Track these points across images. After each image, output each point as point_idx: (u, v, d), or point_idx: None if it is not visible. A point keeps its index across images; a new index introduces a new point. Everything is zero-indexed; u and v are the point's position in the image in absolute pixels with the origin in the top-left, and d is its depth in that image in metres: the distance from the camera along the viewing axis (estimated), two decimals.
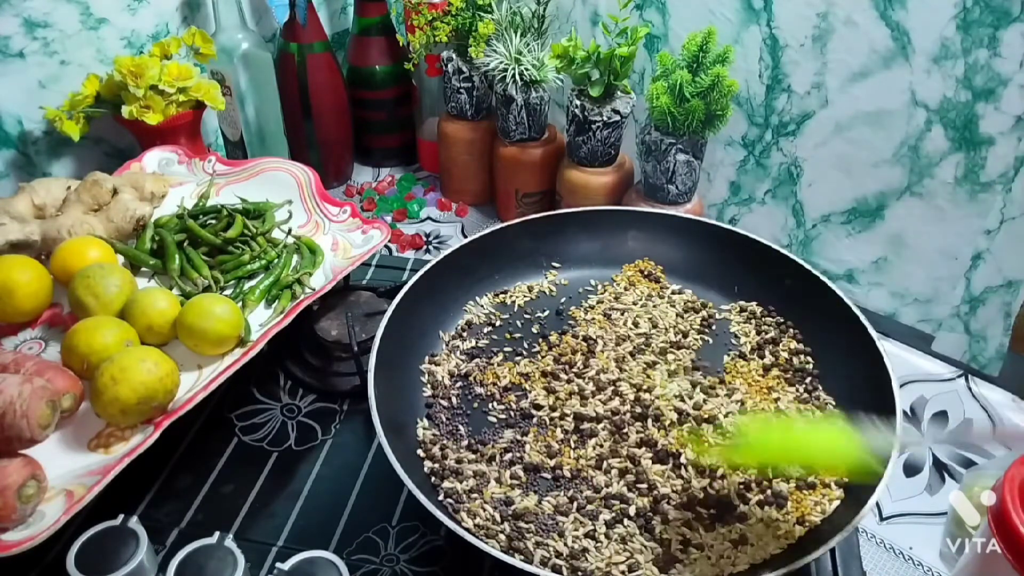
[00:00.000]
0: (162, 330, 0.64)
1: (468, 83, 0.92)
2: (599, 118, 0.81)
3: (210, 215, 0.78)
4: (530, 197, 0.93)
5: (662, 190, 0.82)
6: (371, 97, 1.03)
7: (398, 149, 1.09)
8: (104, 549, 0.50)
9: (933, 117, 0.75)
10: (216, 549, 0.50)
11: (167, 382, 0.58)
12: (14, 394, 0.52)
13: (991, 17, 0.68)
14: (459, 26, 0.89)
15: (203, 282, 0.71)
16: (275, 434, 0.67)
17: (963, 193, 0.76)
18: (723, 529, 0.55)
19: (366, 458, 0.65)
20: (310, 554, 0.50)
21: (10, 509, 0.50)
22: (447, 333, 0.72)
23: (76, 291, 0.65)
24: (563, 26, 0.97)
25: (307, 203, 0.82)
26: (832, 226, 0.87)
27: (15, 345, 0.67)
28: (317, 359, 0.73)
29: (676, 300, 0.74)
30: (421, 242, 0.95)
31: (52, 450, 0.57)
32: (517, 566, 0.47)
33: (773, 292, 0.72)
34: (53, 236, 0.71)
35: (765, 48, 0.82)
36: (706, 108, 0.75)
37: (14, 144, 0.83)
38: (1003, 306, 0.76)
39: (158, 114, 0.82)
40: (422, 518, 0.59)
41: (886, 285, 0.86)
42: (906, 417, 0.70)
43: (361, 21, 1.00)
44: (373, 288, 0.78)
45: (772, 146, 0.87)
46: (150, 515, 0.60)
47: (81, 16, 0.83)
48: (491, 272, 0.76)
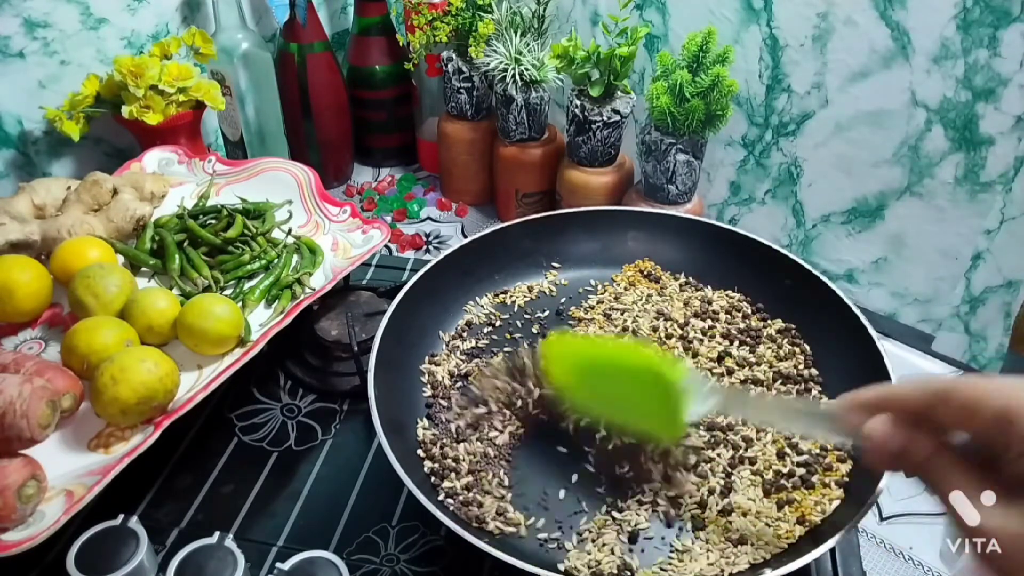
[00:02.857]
0: (162, 330, 0.64)
1: (468, 83, 0.92)
2: (599, 118, 0.81)
3: (210, 215, 0.78)
4: (530, 197, 0.93)
5: (662, 190, 0.82)
6: (371, 97, 1.03)
7: (398, 149, 1.09)
8: (104, 549, 0.50)
9: (933, 117, 0.75)
10: (216, 549, 0.50)
11: (167, 382, 0.58)
12: (14, 394, 0.52)
13: (991, 17, 0.68)
14: (459, 26, 0.89)
15: (203, 282, 0.71)
16: (275, 434, 0.67)
17: (963, 193, 0.76)
18: (723, 520, 0.55)
19: (366, 458, 0.65)
20: (310, 554, 0.50)
21: (10, 509, 0.50)
22: (447, 333, 0.72)
23: (76, 291, 0.65)
24: (563, 26, 0.97)
25: (307, 203, 0.82)
26: (832, 226, 0.87)
27: (15, 345, 0.67)
28: (317, 359, 0.73)
29: (676, 299, 0.74)
30: (421, 242, 0.95)
31: (52, 450, 0.57)
32: (517, 565, 0.47)
33: (773, 292, 0.73)
34: (53, 236, 0.71)
35: (765, 48, 0.82)
36: (706, 108, 0.75)
37: (14, 144, 0.83)
38: (1003, 306, 0.76)
39: (158, 114, 0.82)
40: (422, 518, 0.59)
41: (886, 285, 0.86)
42: None
43: (361, 21, 1.00)
44: (373, 288, 0.78)
45: (772, 146, 0.87)
46: (150, 515, 0.60)
47: (81, 16, 0.83)
48: (491, 272, 0.76)
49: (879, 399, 0.38)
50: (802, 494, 0.56)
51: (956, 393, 0.35)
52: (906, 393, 0.37)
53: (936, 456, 0.36)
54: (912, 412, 0.36)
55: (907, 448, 0.36)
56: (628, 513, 0.56)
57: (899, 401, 0.37)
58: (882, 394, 0.38)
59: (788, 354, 0.68)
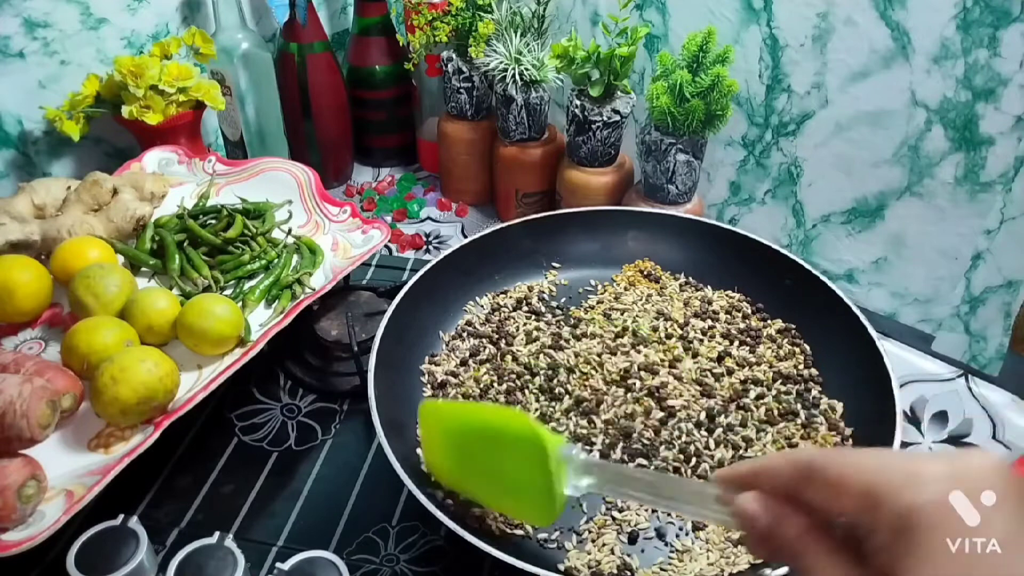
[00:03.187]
0: (162, 330, 0.64)
1: (468, 83, 0.92)
2: (599, 118, 0.81)
3: (210, 215, 0.78)
4: (530, 197, 0.93)
5: (662, 190, 0.82)
6: (371, 97, 1.03)
7: (398, 149, 1.09)
8: (104, 549, 0.50)
9: (933, 117, 0.75)
10: (216, 549, 0.50)
11: (167, 382, 0.58)
12: (14, 394, 0.52)
13: (991, 17, 0.68)
14: (459, 26, 0.89)
15: (203, 282, 0.71)
16: (275, 434, 0.67)
17: (963, 193, 0.76)
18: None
19: (366, 458, 0.65)
20: (310, 554, 0.50)
21: (10, 509, 0.50)
22: (447, 333, 0.72)
23: (76, 291, 0.65)
24: (563, 26, 0.97)
25: (307, 203, 0.82)
26: (832, 226, 0.87)
27: (15, 345, 0.67)
28: (317, 359, 0.73)
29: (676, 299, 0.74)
30: (421, 242, 0.95)
31: (52, 450, 0.57)
32: (517, 566, 0.47)
33: (773, 292, 0.73)
34: (53, 236, 0.71)
35: (765, 48, 0.82)
36: (706, 108, 0.75)
37: (14, 144, 0.83)
38: (1003, 306, 0.76)
39: (158, 114, 0.82)
40: (422, 518, 0.59)
41: (886, 285, 0.86)
42: (906, 417, 0.70)
43: (361, 21, 1.00)
44: (373, 288, 0.78)
45: (772, 146, 0.87)
46: (150, 515, 0.60)
47: (81, 16, 0.83)
48: (491, 272, 0.76)
49: (750, 474, 0.35)
50: None
51: (820, 470, 0.31)
52: (775, 467, 0.34)
53: (806, 538, 0.32)
54: (781, 489, 0.33)
55: (775, 528, 0.33)
56: (628, 513, 0.56)
57: (768, 477, 0.34)
58: (754, 468, 0.35)
59: (788, 354, 0.68)
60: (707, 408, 0.63)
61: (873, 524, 0.29)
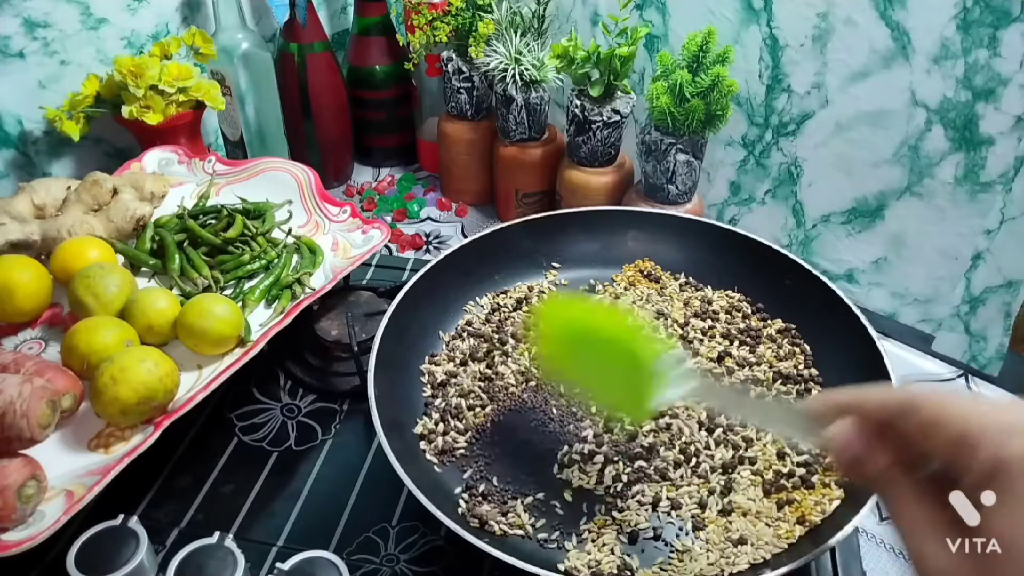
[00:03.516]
0: (162, 330, 0.64)
1: (468, 83, 0.92)
2: (599, 118, 0.81)
3: (210, 215, 0.78)
4: (530, 197, 0.93)
5: (662, 190, 0.82)
6: (371, 97, 1.03)
7: (398, 149, 1.09)
8: (104, 549, 0.50)
9: (933, 117, 0.75)
10: (216, 549, 0.50)
11: (167, 382, 0.58)
12: (14, 394, 0.52)
13: (991, 17, 0.68)
14: (459, 26, 0.89)
15: (203, 282, 0.71)
16: (275, 434, 0.67)
17: (963, 193, 0.76)
18: (723, 520, 0.55)
19: (366, 458, 0.65)
20: (310, 554, 0.50)
21: (10, 509, 0.50)
22: (447, 333, 0.72)
23: (76, 291, 0.65)
24: (563, 26, 0.97)
25: (307, 203, 0.82)
26: (832, 226, 0.87)
27: (15, 345, 0.67)
28: (317, 359, 0.73)
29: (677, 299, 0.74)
30: (421, 242, 0.95)
31: (52, 450, 0.57)
32: (517, 566, 0.47)
33: (773, 292, 0.73)
34: (53, 236, 0.71)
35: (765, 48, 0.82)
36: (706, 108, 0.75)
37: (14, 144, 0.83)
38: (1003, 306, 0.76)
39: (158, 114, 0.82)
40: (422, 518, 0.59)
41: (886, 285, 0.86)
42: None
43: (361, 21, 1.00)
44: (373, 288, 0.78)
45: (772, 146, 0.87)
46: (150, 515, 0.60)
47: (81, 16, 0.83)
48: (491, 272, 0.76)
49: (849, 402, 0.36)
50: (802, 494, 0.56)
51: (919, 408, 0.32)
52: (874, 399, 0.35)
53: (893, 471, 0.33)
54: (876, 420, 0.34)
55: (864, 456, 0.34)
56: (628, 513, 0.56)
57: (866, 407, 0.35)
58: (853, 397, 0.36)
59: (788, 354, 0.68)
60: (707, 408, 0.63)
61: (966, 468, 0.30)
